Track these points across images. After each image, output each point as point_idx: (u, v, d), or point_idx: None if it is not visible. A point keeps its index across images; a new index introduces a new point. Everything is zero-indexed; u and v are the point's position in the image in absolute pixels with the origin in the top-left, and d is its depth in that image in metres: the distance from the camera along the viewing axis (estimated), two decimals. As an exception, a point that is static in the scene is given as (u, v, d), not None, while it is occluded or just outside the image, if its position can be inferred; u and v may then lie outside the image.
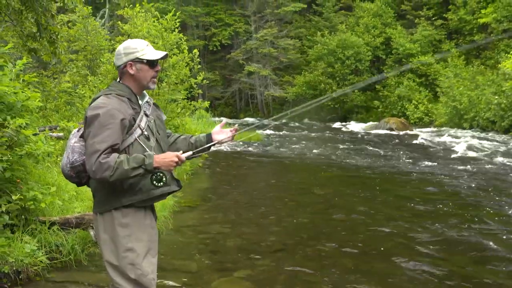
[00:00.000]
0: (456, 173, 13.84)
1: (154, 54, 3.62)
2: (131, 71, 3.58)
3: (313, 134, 27.41)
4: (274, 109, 45.19)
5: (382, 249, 7.42)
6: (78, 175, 3.60)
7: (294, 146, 21.38)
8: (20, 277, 5.42)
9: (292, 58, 44.06)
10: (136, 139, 3.49)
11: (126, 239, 3.47)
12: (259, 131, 27.38)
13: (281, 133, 28.43)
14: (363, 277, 6.28)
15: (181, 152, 3.54)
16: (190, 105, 14.61)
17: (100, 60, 18.19)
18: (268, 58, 44.44)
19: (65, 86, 13.10)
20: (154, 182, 3.45)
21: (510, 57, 22.63)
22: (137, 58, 3.57)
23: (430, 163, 15.74)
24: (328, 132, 29.38)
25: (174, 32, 14.69)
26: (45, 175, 7.29)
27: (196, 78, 14.26)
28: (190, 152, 3.68)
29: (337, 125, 34.87)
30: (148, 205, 3.63)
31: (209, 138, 3.93)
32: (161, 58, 3.66)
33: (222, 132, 3.92)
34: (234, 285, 5.90)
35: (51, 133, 9.38)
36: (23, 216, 6.04)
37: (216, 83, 45.75)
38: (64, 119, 12.93)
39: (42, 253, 5.76)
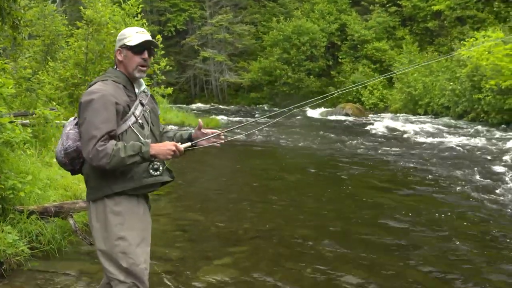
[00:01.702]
0: (413, 157, 14.16)
1: (137, 39, 3.58)
2: (120, 58, 3.60)
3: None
4: (229, 95, 45.12)
5: (354, 232, 7.57)
6: (72, 161, 3.59)
7: (253, 133, 21.40)
8: (3, 268, 5.33)
9: (247, 44, 43.97)
10: (130, 126, 3.47)
11: (118, 227, 3.44)
12: (218, 117, 27.37)
13: (239, 119, 28.40)
14: (340, 261, 6.38)
15: (179, 142, 3.53)
16: (153, 91, 14.47)
17: (58, 45, 17.85)
18: (223, 44, 44.26)
19: (26, 72, 12.82)
20: (151, 171, 3.45)
21: (465, 44, 23.11)
22: (124, 44, 3.58)
23: (388, 148, 16.06)
24: (285, 118, 29.43)
25: (136, 18, 14.52)
26: (18, 164, 7.14)
27: (159, 65, 14.13)
28: (189, 144, 3.65)
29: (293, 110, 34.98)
30: (141, 194, 3.59)
31: (190, 136, 3.90)
32: (141, 44, 3.57)
33: (202, 135, 3.83)
34: (218, 273, 5.88)
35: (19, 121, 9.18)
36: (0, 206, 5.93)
37: (171, 68, 45.25)
38: (24, 106, 12.70)
39: (23, 243, 5.67)
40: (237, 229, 7.73)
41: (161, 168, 3.46)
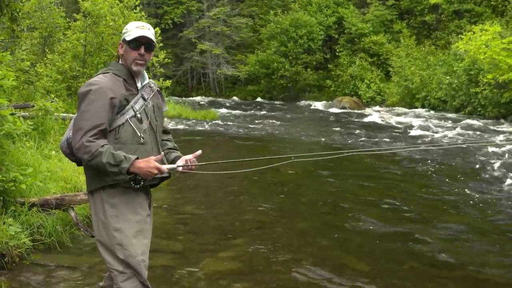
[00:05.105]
0: (410, 150, 14.19)
1: (134, 34, 3.60)
2: (121, 51, 3.66)
3: (268, 113, 27.49)
4: (226, 88, 45.08)
5: (352, 224, 7.61)
6: (73, 152, 3.60)
7: (251, 125, 21.44)
8: (5, 260, 5.35)
9: (245, 36, 43.88)
10: (127, 120, 3.49)
11: (114, 219, 3.48)
12: (215, 110, 27.34)
13: (236, 112, 28.39)
14: (340, 253, 6.44)
15: (157, 156, 3.49)
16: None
17: (55, 37, 17.82)
18: (221, 37, 44.16)
19: (24, 64, 12.81)
20: (132, 182, 3.43)
21: (462, 38, 23.14)
22: (124, 38, 3.63)
23: (385, 140, 16.11)
24: (283, 111, 29.53)
25: (134, 10, 14.50)
26: (18, 156, 7.16)
27: (157, 57, 14.13)
28: (174, 165, 3.67)
29: (290, 104, 35.05)
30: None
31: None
32: (136, 39, 3.58)
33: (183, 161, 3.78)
34: (217, 265, 5.91)
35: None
36: (1, 198, 5.94)
37: (169, 61, 45.01)
38: (22, 98, 12.69)
39: (25, 235, 5.69)
40: (236, 221, 7.77)
41: (142, 182, 3.45)
